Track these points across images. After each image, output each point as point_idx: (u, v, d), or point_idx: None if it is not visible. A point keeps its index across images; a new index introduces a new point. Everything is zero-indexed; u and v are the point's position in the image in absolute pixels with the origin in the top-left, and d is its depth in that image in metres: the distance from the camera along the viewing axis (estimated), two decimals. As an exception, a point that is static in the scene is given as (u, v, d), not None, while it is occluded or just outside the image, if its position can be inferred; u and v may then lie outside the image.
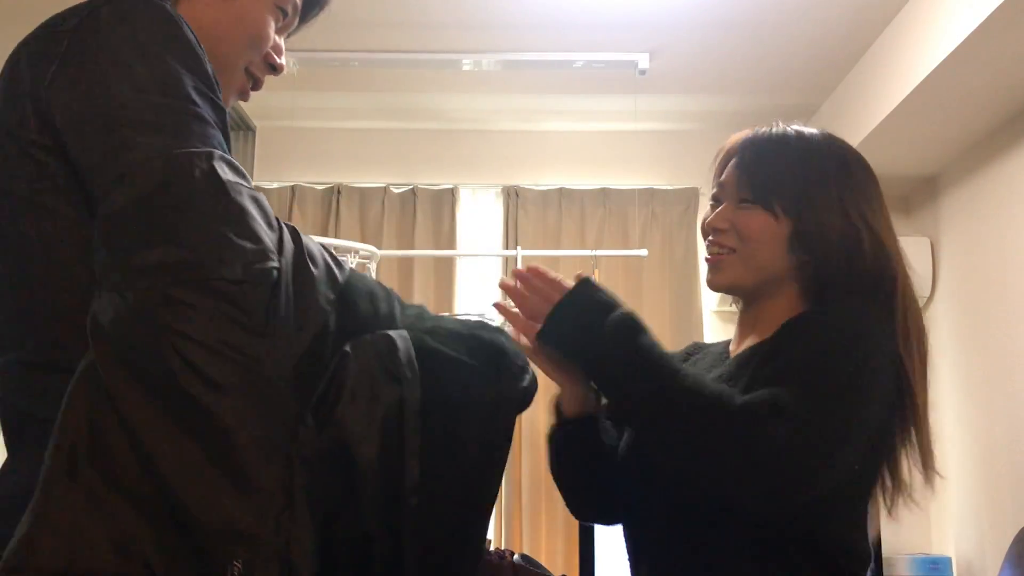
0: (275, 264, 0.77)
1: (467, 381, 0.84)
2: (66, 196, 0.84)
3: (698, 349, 1.38)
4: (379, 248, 3.37)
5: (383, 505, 0.78)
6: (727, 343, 1.30)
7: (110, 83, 0.83)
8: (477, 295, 3.76)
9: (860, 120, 3.19)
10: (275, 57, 1.11)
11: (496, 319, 3.24)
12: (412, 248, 3.75)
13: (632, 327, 1.10)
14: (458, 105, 3.80)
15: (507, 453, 0.88)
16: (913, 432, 1.10)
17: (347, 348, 0.80)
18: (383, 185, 3.84)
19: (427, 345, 0.85)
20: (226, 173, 0.81)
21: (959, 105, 2.87)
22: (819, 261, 1.13)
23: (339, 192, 3.82)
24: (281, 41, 1.13)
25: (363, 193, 3.84)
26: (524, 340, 1.16)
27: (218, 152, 0.82)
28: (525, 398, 0.89)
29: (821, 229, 1.12)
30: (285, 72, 1.20)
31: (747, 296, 1.22)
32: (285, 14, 1.10)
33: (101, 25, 0.87)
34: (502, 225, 3.84)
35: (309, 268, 0.81)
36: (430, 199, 3.84)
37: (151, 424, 0.72)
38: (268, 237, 0.80)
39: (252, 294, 0.75)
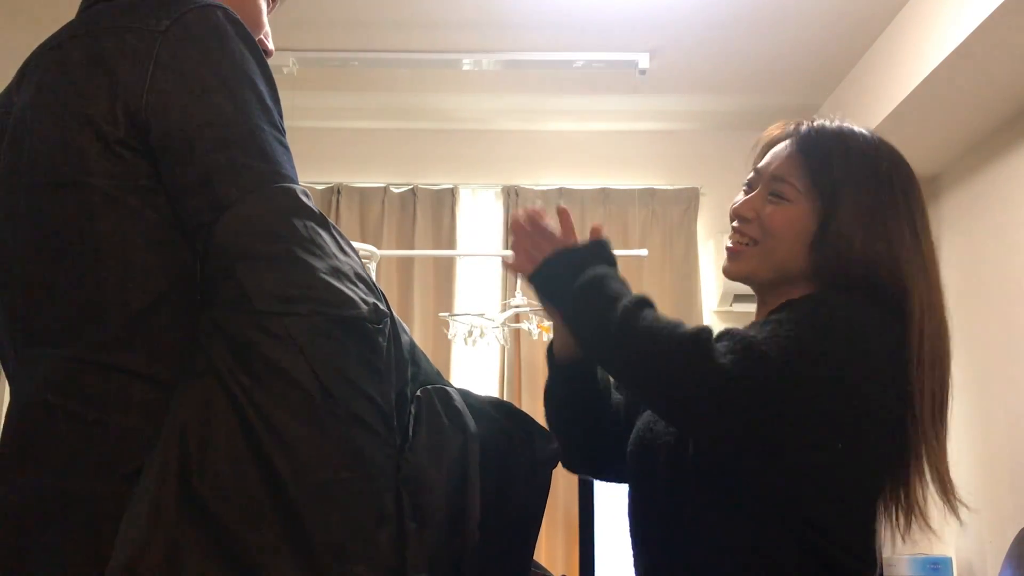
0: (387, 313, 0.84)
1: (507, 439, 0.96)
2: (152, 199, 0.85)
3: None
4: (379, 248, 3.37)
5: (448, 535, 0.85)
6: None
7: (213, 99, 0.84)
8: (477, 295, 3.76)
9: (860, 120, 3.17)
10: (266, 43, 1.09)
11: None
12: (412, 248, 3.75)
13: (601, 276, 1.11)
14: (458, 105, 3.80)
15: (544, 507, 1.01)
16: (925, 461, 1.08)
17: (419, 394, 0.89)
18: (383, 185, 3.84)
19: (471, 400, 0.95)
20: (318, 210, 0.87)
21: (959, 105, 2.87)
22: (839, 266, 1.10)
23: (339, 192, 3.82)
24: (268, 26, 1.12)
25: (363, 193, 3.84)
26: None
27: (301, 187, 0.87)
28: (555, 459, 1.04)
29: (846, 236, 1.09)
30: (285, 72, 1.20)
31: (762, 288, 1.19)
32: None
33: (192, 34, 0.87)
34: (502, 225, 3.84)
35: (395, 319, 0.88)
36: (430, 199, 3.84)
37: (297, 443, 0.75)
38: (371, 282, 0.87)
39: (382, 337, 0.82)
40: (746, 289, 1.23)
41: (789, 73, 3.40)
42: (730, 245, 1.18)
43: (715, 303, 3.77)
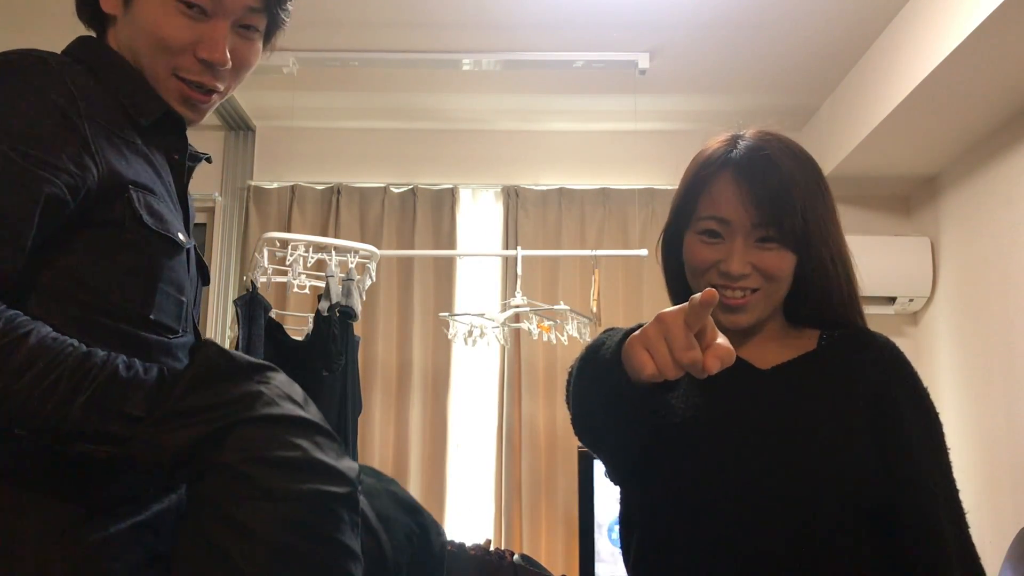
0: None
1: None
2: None
3: None
4: (379, 248, 3.37)
5: None
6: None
7: None
8: (477, 295, 3.76)
9: (860, 120, 3.19)
10: (204, 51, 1.08)
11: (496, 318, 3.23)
12: (412, 248, 3.75)
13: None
14: (458, 105, 3.80)
15: None
16: None
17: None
18: (383, 185, 3.84)
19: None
20: None
21: (959, 105, 2.87)
22: (817, 284, 1.18)
23: (339, 192, 3.82)
24: (222, 33, 1.09)
25: (363, 193, 3.84)
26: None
27: None
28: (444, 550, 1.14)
29: (820, 262, 1.16)
30: (285, 72, 1.20)
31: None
32: (191, 6, 1.06)
33: None
34: (502, 225, 3.83)
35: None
36: (430, 199, 3.84)
37: None
38: None
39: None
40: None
41: (789, 73, 3.40)
42: (731, 301, 1.14)
43: (715, 303, 3.77)
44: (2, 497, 0.91)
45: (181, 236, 1.06)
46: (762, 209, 1.12)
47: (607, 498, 3.14)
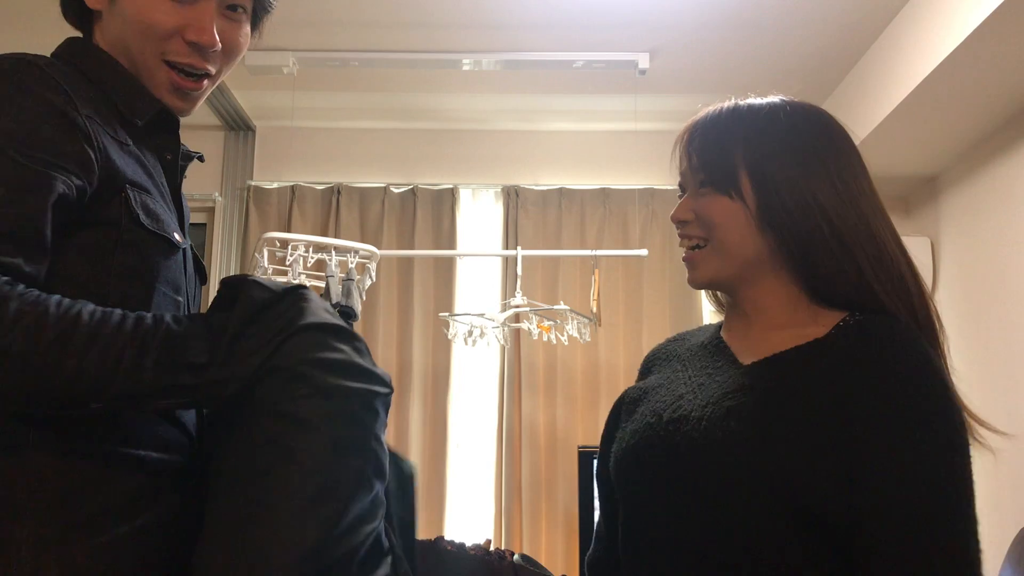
0: None
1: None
2: None
3: (671, 344, 1.29)
4: (379, 248, 3.37)
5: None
6: (714, 331, 1.21)
7: None
8: (477, 295, 3.77)
9: (860, 120, 3.19)
10: (192, 34, 1.08)
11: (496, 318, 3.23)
12: (412, 248, 3.75)
13: None
14: (458, 105, 3.80)
15: None
16: None
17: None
18: (383, 185, 3.84)
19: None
20: None
21: (959, 105, 2.87)
22: (789, 240, 1.06)
23: (339, 192, 3.82)
24: (209, 15, 1.09)
25: (363, 193, 3.84)
26: None
27: None
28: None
29: (782, 209, 1.05)
30: (285, 72, 1.20)
31: (730, 288, 1.14)
32: None
33: None
34: (502, 225, 3.83)
35: None
36: (430, 199, 3.84)
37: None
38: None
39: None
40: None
41: (789, 73, 3.40)
42: (684, 256, 1.14)
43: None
44: None
45: (177, 236, 1.06)
46: (696, 153, 1.12)
47: (607, 498, 3.14)
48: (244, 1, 1.13)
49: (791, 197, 1.06)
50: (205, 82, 1.13)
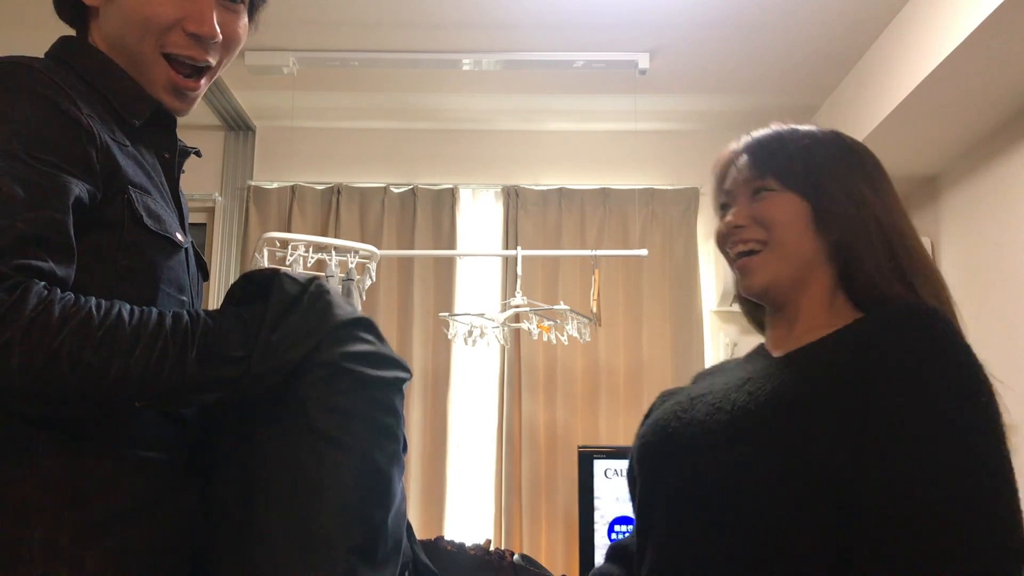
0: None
1: None
2: None
3: (698, 379, 1.29)
4: (379, 248, 3.37)
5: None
6: (759, 346, 1.22)
7: None
8: (477, 295, 3.76)
9: (860, 120, 3.19)
10: (193, 26, 1.08)
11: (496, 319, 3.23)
12: (412, 248, 3.75)
13: None
14: (458, 105, 3.80)
15: None
16: None
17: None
18: (383, 185, 3.84)
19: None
20: None
21: (959, 105, 2.87)
22: (845, 240, 1.09)
23: (339, 192, 3.82)
24: (209, 6, 1.09)
25: (363, 193, 3.84)
26: None
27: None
28: None
29: (841, 205, 1.09)
30: (285, 72, 1.20)
31: (784, 294, 1.12)
32: None
33: None
34: (502, 225, 3.83)
35: None
36: (430, 199, 3.84)
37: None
38: None
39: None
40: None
41: (789, 73, 3.40)
42: (738, 262, 1.14)
43: (715, 303, 3.77)
44: (8, 509, 0.91)
45: (179, 236, 1.06)
46: (753, 161, 1.15)
47: (607, 498, 3.14)
48: None
49: (845, 197, 1.10)
50: (203, 81, 1.12)
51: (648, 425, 1.17)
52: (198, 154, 1.21)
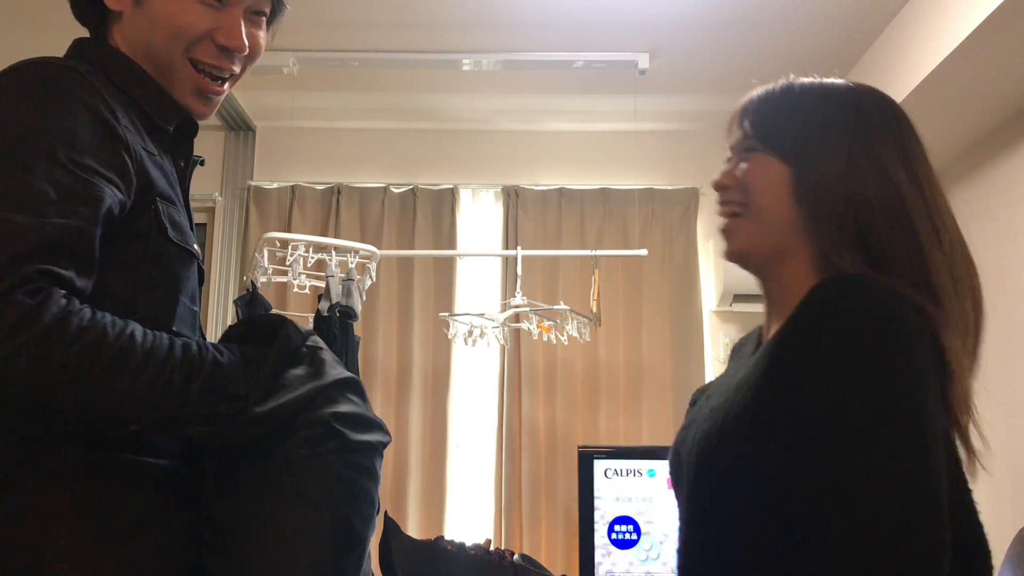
0: None
1: None
2: None
3: (735, 351, 1.27)
4: (379, 248, 3.37)
5: None
6: (759, 329, 1.20)
7: None
8: (477, 295, 3.76)
9: (860, 120, 3.19)
10: (223, 38, 1.09)
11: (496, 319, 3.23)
12: (412, 248, 3.75)
13: None
14: (458, 105, 3.80)
15: None
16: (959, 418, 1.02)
17: None
18: (383, 185, 3.84)
19: None
20: None
21: (959, 105, 2.87)
22: (820, 212, 1.01)
23: (339, 192, 3.82)
24: (239, 19, 1.10)
25: (363, 193, 3.84)
26: None
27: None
28: None
29: (820, 175, 1.02)
30: (285, 72, 1.21)
31: (764, 264, 1.08)
32: None
33: None
34: (502, 225, 3.83)
35: None
36: (430, 199, 3.84)
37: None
38: None
39: None
40: (746, 288, 1.21)
41: (789, 73, 3.40)
42: (721, 226, 1.11)
43: (715, 303, 3.77)
44: (30, 518, 0.91)
45: (195, 247, 1.08)
46: (747, 119, 1.13)
47: (607, 498, 3.14)
48: (266, 6, 1.15)
49: (829, 163, 1.03)
50: (226, 85, 1.14)
51: (680, 428, 1.17)
52: (202, 163, 1.22)
